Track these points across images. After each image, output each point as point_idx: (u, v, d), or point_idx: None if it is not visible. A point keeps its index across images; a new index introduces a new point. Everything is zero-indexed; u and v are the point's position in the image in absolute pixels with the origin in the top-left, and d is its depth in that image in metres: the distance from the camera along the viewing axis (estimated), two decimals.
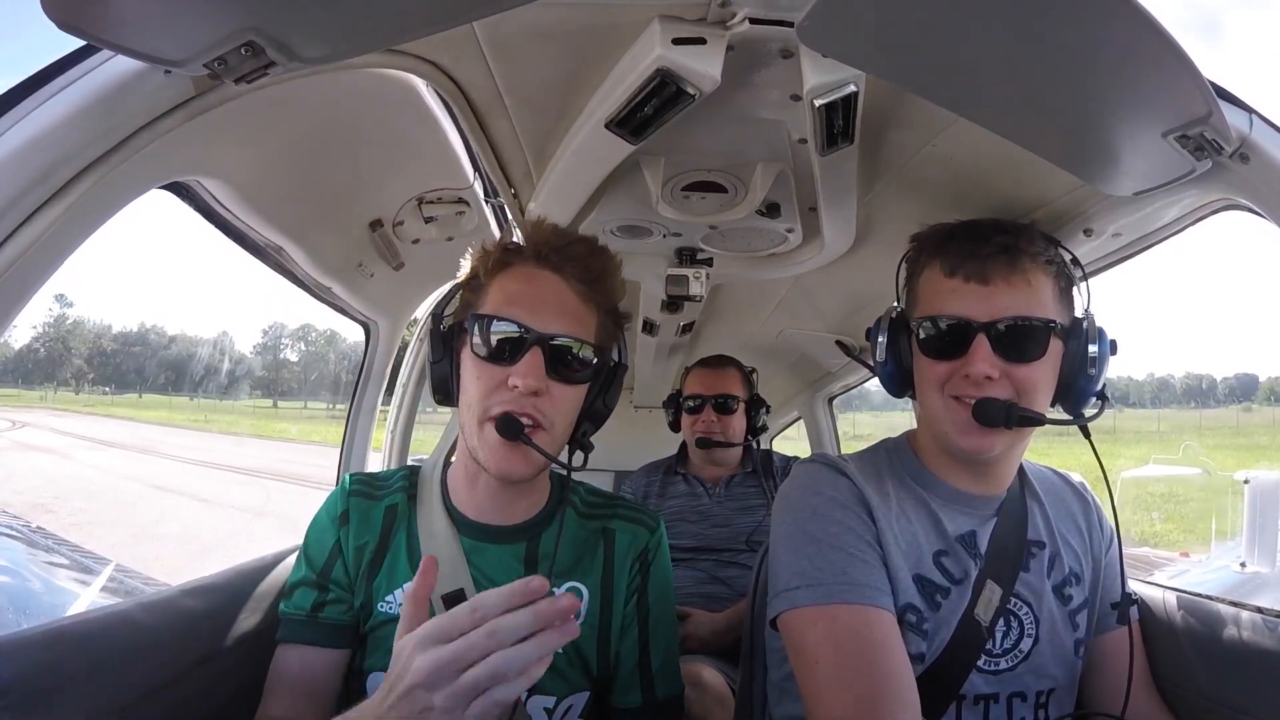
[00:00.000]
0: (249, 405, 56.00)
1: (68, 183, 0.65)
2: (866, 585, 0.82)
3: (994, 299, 0.83)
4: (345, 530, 0.90)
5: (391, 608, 0.87)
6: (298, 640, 0.87)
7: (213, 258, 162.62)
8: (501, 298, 0.84)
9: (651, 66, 0.73)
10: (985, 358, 0.82)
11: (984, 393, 0.83)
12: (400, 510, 0.92)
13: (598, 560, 0.91)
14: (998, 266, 0.84)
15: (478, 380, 0.83)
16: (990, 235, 0.85)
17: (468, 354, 0.85)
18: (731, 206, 1.12)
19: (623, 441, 3.05)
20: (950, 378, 0.85)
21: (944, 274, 0.87)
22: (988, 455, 0.86)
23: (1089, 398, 0.87)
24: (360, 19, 0.62)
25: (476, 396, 0.82)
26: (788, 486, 0.94)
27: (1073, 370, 0.86)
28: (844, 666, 0.78)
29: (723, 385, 1.96)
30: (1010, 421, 0.82)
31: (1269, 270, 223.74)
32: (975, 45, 0.62)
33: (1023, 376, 0.83)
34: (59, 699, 0.68)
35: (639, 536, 0.94)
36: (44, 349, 69.88)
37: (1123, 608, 0.88)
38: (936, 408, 0.87)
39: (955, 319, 0.84)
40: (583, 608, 0.89)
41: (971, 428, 0.83)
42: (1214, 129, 0.70)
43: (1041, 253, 0.86)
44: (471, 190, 1.21)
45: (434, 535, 0.89)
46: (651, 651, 0.93)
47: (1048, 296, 0.86)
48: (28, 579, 1.90)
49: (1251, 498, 3.14)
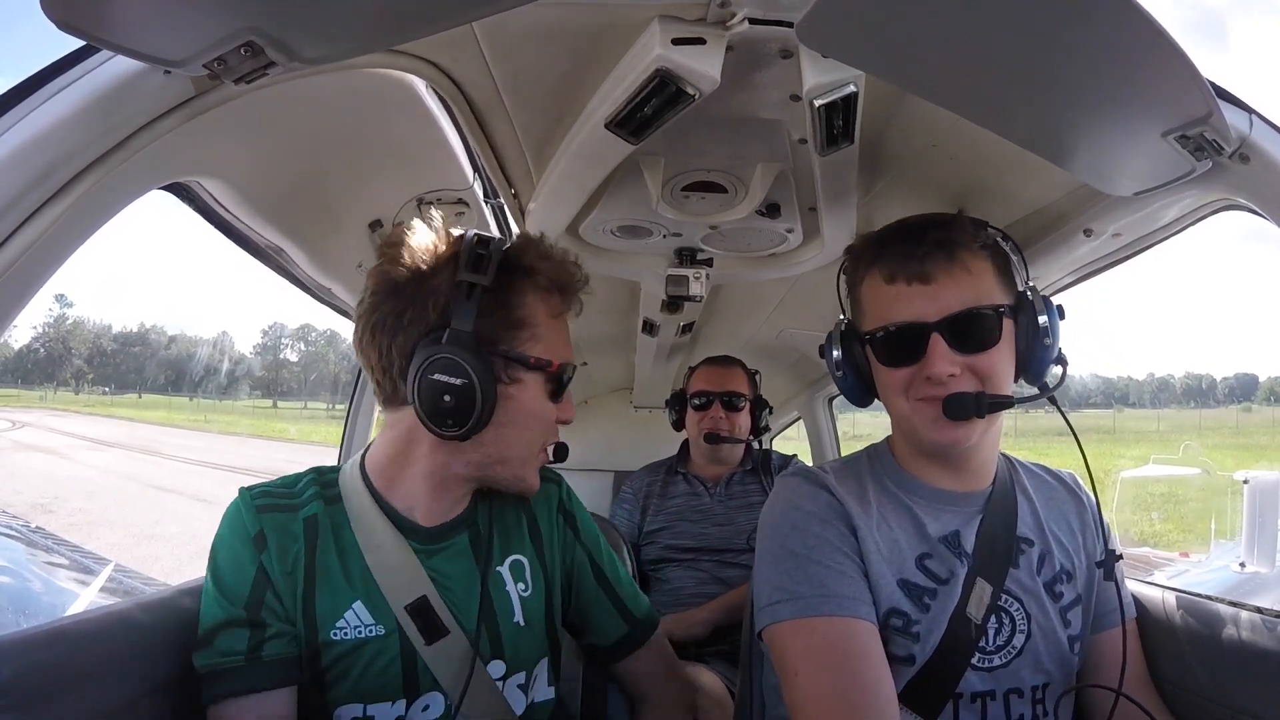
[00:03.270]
0: (249, 405, 56.02)
1: (68, 183, 0.65)
2: (845, 597, 0.83)
3: (940, 296, 0.84)
4: (266, 554, 0.79)
5: (345, 634, 0.80)
6: (242, 692, 0.76)
7: (213, 258, 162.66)
8: (562, 341, 0.87)
9: (651, 66, 0.73)
10: (943, 356, 0.83)
11: (949, 390, 0.83)
12: (321, 520, 0.83)
13: (524, 528, 0.94)
14: (936, 262, 0.84)
15: (542, 419, 0.86)
16: (923, 233, 0.86)
17: (534, 391, 0.84)
18: (731, 206, 1.12)
19: (622, 442, 3.06)
20: (913, 382, 0.86)
21: (885, 281, 0.86)
22: (965, 446, 0.87)
23: (1047, 366, 0.88)
24: (360, 19, 0.62)
25: (540, 432, 0.87)
26: (771, 502, 0.95)
27: (1028, 344, 0.87)
28: (821, 676, 0.80)
29: (730, 382, 1.97)
30: (982, 411, 0.83)
31: (1269, 270, 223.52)
32: (975, 45, 0.62)
33: (984, 365, 0.84)
34: (59, 699, 0.68)
35: (550, 493, 0.98)
36: (44, 349, 69.89)
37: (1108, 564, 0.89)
38: (904, 411, 0.88)
39: (906, 324, 0.85)
40: (528, 575, 0.92)
41: (943, 423, 0.84)
42: (1214, 129, 0.70)
43: (975, 238, 0.87)
44: (471, 191, 1.21)
45: (380, 547, 0.83)
46: (614, 584, 1.00)
47: (990, 281, 0.86)
48: (28, 579, 1.90)
49: (1251, 498, 3.14)
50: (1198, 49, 11.92)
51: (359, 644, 0.80)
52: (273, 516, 0.82)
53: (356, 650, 0.80)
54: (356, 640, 0.80)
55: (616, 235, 1.26)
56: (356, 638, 0.80)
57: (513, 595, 0.89)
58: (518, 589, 0.90)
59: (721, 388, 1.95)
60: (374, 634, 0.81)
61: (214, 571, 0.80)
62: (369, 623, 0.81)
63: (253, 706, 0.76)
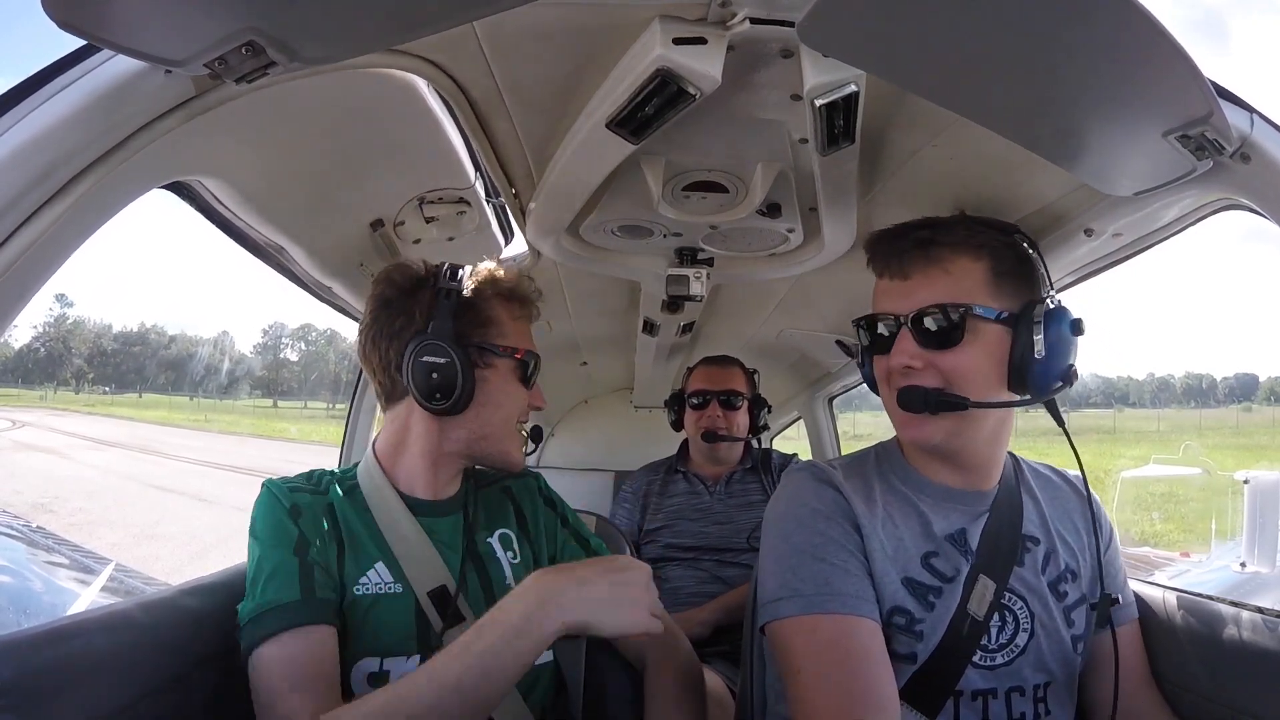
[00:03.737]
0: (249, 405, 56.04)
1: (68, 183, 0.65)
2: (848, 595, 0.83)
3: (913, 292, 0.87)
4: (303, 521, 0.89)
5: (366, 589, 0.90)
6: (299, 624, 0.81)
7: (214, 257, 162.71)
8: (524, 336, 1.03)
9: (652, 66, 0.73)
10: (904, 348, 0.86)
11: (908, 381, 0.85)
12: (340, 505, 0.95)
13: (509, 510, 1.08)
14: (914, 261, 0.88)
15: (514, 399, 1.01)
16: (910, 232, 0.89)
17: (504, 376, 0.99)
18: (732, 206, 1.12)
19: (622, 442, 3.06)
20: (889, 372, 0.89)
21: (877, 275, 0.92)
22: (929, 444, 0.88)
23: (1047, 379, 0.85)
24: (361, 19, 0.62)
25: (515, 411, 1.01)
26: (776, 497, 0.95)
27: (1021, 354, 0.85)
28: (824, 675, 0.80)
29: (728, 381, 1.97)
30: (930, 406, 0.84)
31: (1269, 270, 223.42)
32: (975, 45, 0.62)
33: (948, 364, 0.85)
34: (59, 699, 0.68)
35: (527, 483, 1.13)
36: (44, 349, 69.91)
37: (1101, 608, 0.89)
38: (887, 404, 0.91)
39: (881, 315, 0.89)
40: (515, 545, 1.05)
41: (908, 418, 0.87)
42: (1215, 129, 0.69)
43: (964, 240, 0.87)
44: (473, 190, 1.21)
45: (405, 538, 0.94)
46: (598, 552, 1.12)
47: (972, 282, 0.86)
48: (28, 579, 1.90)
49: (1251, 498, 3.14)
50: (1199, 48, 11.85)
51: (378, 599, 0.90)
52: (302, 495, 0.93)
53: (375, 604, 0.90)
54: (377, 595, 0.90)
55: (617, 235, 1.26)
56: (377, 593, 0.90)
57: (503, 561, 1.01)
58: (507, 556, 1.02)
59: (719, 386, 1.96)
60: (393, 590, 0.91)
61: (258, 534, 0.88)
62: (389, 580, 0.91)
63: (306, 637, 0.81)
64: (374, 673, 0.88)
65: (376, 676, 0.88)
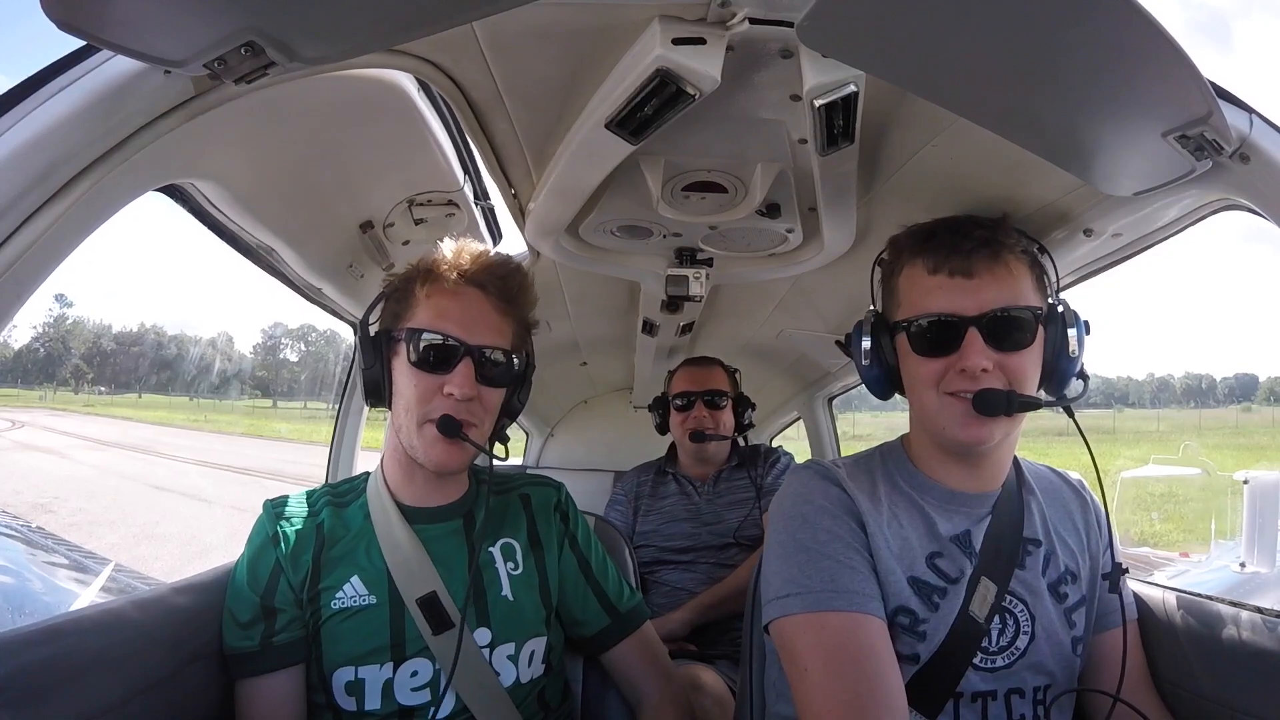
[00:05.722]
0: (248, 405, 56.00)
1: (67, 183, 0.65)
2: (855, 592, 0.83)
3: (980, 292, 0.85)
4: (280, 549, 0.94)
5: (342, 603, 0.92)
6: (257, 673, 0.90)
7: (214, 258, 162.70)
8: (433, 312, 0.93)
9: (651, 66, 0.73)
10: (979, 350, 0.84)
11: (980, 385, 0.84)
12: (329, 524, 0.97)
13: (522, 519, 1.05)
14: (981, 259, 0.86)
15: (415, 386, 0.92)
16: (971, 230, 0.87)
17: (402, 362, 0.93)
18: (731, 206, 1.12)
19: (621, 442, 3.06)
20: (945, 374, 0.86)
21: (927, 272, 0.88)
22: (988, 445, 0.87)
23: (1070, 379, 0.89)
24: (360, 19, 0.62)
25: (415, 400, 0.92)
26: (781, 494, 0.95)
27: (1055, 354, 0.88)
28: (831, 672, 0.79)
29: (711, 381, 1.98)
30: (1011, 408, 0.83)
31: (1269, 270, 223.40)
32: (975, 45, 0.62)
33: (1015, 365, 0.85)
34: (53, 696, 0.68)
35: (549, 495, 1.09)
36: (43, 349, 69.87)
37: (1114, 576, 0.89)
38: (931, 405, 0.88)
39: (945, 315, 0.86)
40: (519, 557, 1.01)
41: (971, 419, 0.84)
42: (1214, 129, 0.70)
43: (1018, 244, 0.89)
44: (461, 193, 1.21)
45: (398, 546, 0.95)
46: (601, 580, 1.08)
47: (1028, 285, 0.88)
48: (28, 579, 1.89)
49: (1251, 498, 3.14)
50: (1198, 49, 11.97)
51: (353, 611, 0.92)
52: (287, 521, 0.96)
53: (349, 617, 0.92)
54: (351, 608, 0.92)
55: (617, 235, 1.26)
56: (352, 606, 0.92)
57: (501, 571, 0.99)
58: (507, 567, 1.00)
59: (703, 387, 1.97)
60: (367, 603, 0.92)
61: (241, 566, 0.94)
62: (363, 594, 0.93)
63: (260, 686, 0.90)
64: (350, 681, 0.91)
65: (352, 685, 0.91)
